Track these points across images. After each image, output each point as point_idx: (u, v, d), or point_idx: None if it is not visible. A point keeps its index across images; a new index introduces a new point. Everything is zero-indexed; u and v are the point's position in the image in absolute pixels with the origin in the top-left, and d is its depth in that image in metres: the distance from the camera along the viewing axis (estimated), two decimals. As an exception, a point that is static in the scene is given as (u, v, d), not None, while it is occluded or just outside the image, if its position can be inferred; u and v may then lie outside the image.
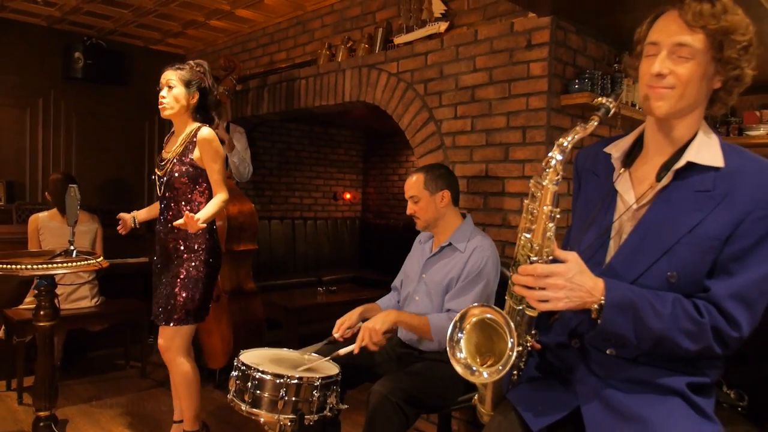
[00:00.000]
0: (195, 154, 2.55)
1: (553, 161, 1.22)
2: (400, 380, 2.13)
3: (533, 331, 1.37)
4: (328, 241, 6.44)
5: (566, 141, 1.22)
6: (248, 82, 4.27)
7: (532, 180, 1.25)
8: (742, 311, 1.21)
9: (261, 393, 1.97)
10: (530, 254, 1.24)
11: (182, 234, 2.58)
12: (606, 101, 1.24)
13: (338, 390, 2.04)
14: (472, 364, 1.29)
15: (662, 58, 1.24)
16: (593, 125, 1.24)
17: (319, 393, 1.98)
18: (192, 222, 2.30)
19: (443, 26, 3.07)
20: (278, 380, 1.95)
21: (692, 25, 1.22)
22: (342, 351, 2.13)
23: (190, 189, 2.59)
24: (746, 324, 1.21)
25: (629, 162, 1.40)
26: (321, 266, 6.22)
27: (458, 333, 1.32)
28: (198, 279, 2.58)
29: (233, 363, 2.10)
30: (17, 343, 3.43)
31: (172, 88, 2.57)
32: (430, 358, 2.34)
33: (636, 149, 1.41)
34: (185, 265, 2.57)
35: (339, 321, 2.32)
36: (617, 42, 2.94)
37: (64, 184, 3.72)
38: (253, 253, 3.72)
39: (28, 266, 2.39)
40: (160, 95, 2.59)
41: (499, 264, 2.34)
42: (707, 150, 1.28)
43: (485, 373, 1.24)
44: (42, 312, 2.55)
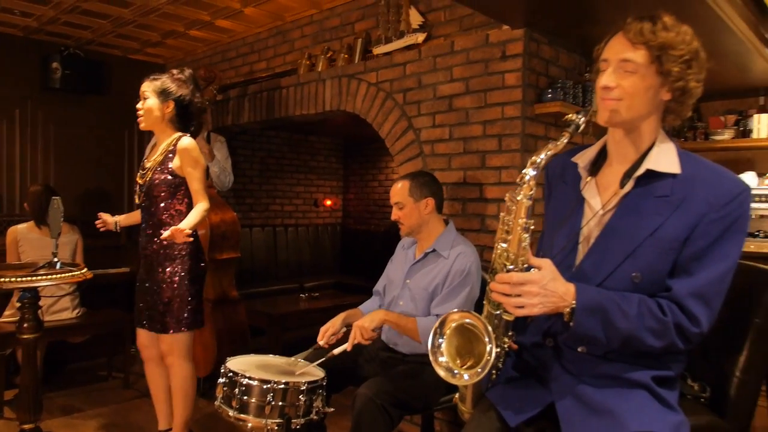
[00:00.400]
0: (175, 163, 2.58)
1: (527, 177, 1.30)
2: (385, 383, 2.19)
3: (510, 333, 1.45)
4: (310, 248, 6.48)
5: (539, 158, 1.31)
6: (228, 92, 4.30)
7: (507, 195, 1.33)
8: (702, 308, 1.30)
9: (248, 399, 2.01)
10: (506, 263, 1.32)
11: (164, 242, 2.61)
12: (576, 118, 1.33)
13: (324, 394, 2.10)
14: (454, 368, 1.36)
15: (609, 73, 1.36)
16: (564, 142, 1.33)
17: (305, 397, 2.03)
18: (178, 233, 2.34)
19: (421, 37, 3.16)
20: (265, 386, 1.99)
21: (634, 42, 1.33)
22: (336, 350, 2.20)
23: (170, 197, 2.62)
24: (705, 320, 1.31)
25: (595, 170, 1.50)
26: (303, 273, 6.26)
27: (439, 338, 1.39)
28: (183, 285, 2.61)
29: (219, 370, 2.14)
30: (-2, 357, 3.42)
31: (146, 99, 2.61)
32: (413, 361, 2.41)
33: (601, 158, 1.51)
34: (169, 272, 2.59)
35: (323, 328, 2.38)
36: (588, 52, 3.04)
37: (44, 196, 3.72)
38: (236, 262, 3.75)
39: (12, 279, 2.40)
40: (137, 106, 2.63)
41: (480, 269, 2.42)
42: (665, 158, 1.38)
43: (466, 376, 1.31)
44: (26, 324, 2.55)
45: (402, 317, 2.33)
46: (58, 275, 2.50)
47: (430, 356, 1.37)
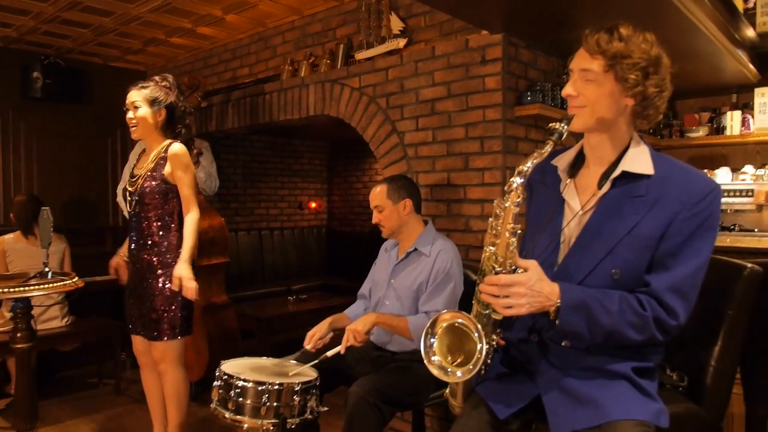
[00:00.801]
0: (166, 170, 2.61)
1: (515, 184, 1.37)
2: (376, 381, 2.25)
3: (498, 330, 1.52)
4: (296, 250, 6.52)
5: (525, 167, 1.38)
6: (212, 98, 4.33)
7: (496, 201, 1.40)
8: (679, 302, 1.39)
9: (244, 400, 2.05)
10: (495, 265, 1.38)
11: (155, 250, 2.64)
12: (559, 126, 1.40)
13: (317, 394, 2.16)
14: (446, 366, 1.42)
15: (571, 82, 1.47)
16: (548, 150, 1.40)
17: (300, 397, 2.08)
18: (180, 278, 2.51)
19: (402, 42, 3.22)
20: (260, 387, 2.04)
21: (592, 53, 1.42)
22: (329, 353, 2.25)
23: (161, 204, 2.64)
24: (683, 313, 1.39)
25: (573, 173, 1.58)
26: (289, 275, 6.29)
27: (431, 338, 1.45)
28: (176, 293, 2.62)
29: (213, 374, 2.18)
30: (-12, 367, 3.42)
31: (138, 109, 2.62)
32: (402, 359, 2.48)
33: (579, 161, 1.58)
34: (161, 280, 2.62)
35: (309, 333, 2.43)
36: (565, 55, 3.14)
37: (29, 206, 3.73)
38: (225, 266, 3.78)
39: (4, 290, 2.41)
40: (127, 117, 2.63)
41: (462, 265, 2.50)
42: (639, 159, 1.46)
43: (459, 373, 1.37)
44: (19, 334, 2.57)
45: (393, 317, 2.40)
46: (51, 284, 2.51)
47: (423, 356, 1.44)
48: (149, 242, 2.65)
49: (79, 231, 4.50)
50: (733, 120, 3.92)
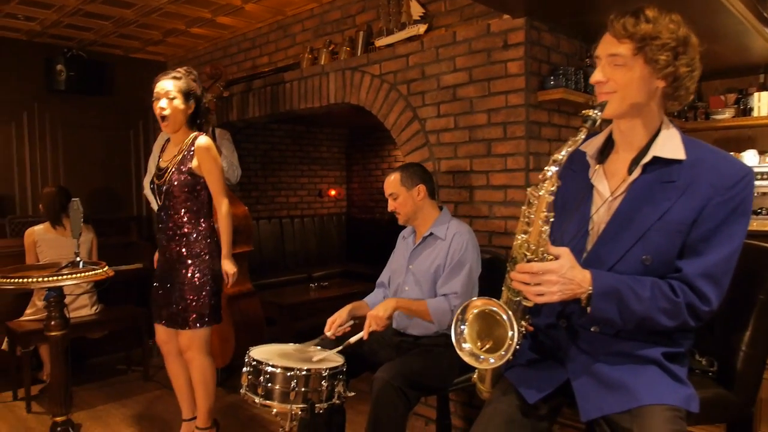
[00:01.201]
0: (193, 163, 2.64)
1: (549, 173, 1.36)
2: (401, 366, 2.28)
3: (526, 316, 1.52)
4: (316, 238, 6.57)
5: (560, 155, 1.37)
6: (232, 87, 4.35)
7: (529, 189, 1.39)
8: (712, 287, 1.38)
9: (273, 386, 2.09)
10: (527, 253, 1.38)
11: (185, 241, 2.68)
12: (593, 113, 1.39)
13: (345, 379, 2.19)
14: (478, 353, 1.43)
15: (599, 68, 1.45)
16: (582, 137, 1.39)
17: (327, 383, 2.11)
18: (227, 273, 2.63)
19: (422, 28, 3.21)
20: (288, 373, 2.08)
21: (618, 37, 1.40)
22: (352, 339, 2.29)
23: (189, 197, 2.67)
24: (715, 299, 1.39)
25: (602, 158, 1.57)
26: (310, 263, 6.35)
27: (461, 325, 1.46)
28: (205, 282, 2.68)
29: (239, 360, 2.23)
30: (22, 354, 3.51)
31: (173, 100, 2.60)
32: (426, 344, 2.50)
33: (608, 146, 1.57)
34: (191, 270, 2.66)
35: (330, 320, 2.47)
36: (588, 38, 3.11)
37: (58, 197, 3.80)
38: (249, 255, 3.83)
39: (39, 279, 2.48)
40: (159, 106, 2.60)
41: (478, 247, 2.53)
42: (670, 144, 1.45)
43: (492, 359, 1.39)
44: (53, 322, 2.64)
45: (413, 302, 2.42)
46: (83, 274, 2.57)
47: (454, 343, 1.45)
48: (178, 233, 2.69)
49: (104, 221, 4.58)
50: (761, 101, 3.84)
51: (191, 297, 2.65)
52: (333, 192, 6.87)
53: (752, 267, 1.69)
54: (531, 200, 1.38)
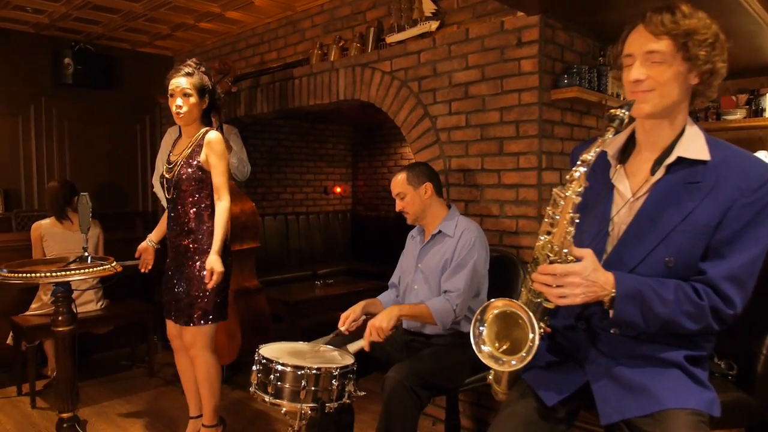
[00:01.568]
0: (202, 157, 2.62)
1: (578, 174, 1.33)
2: (412, 366, 2.26)
3: (545, 318, 1.50)
4: (321, 235, 6.55)
5: (589, 155, 1.33)
6: (240, 83, 4.32)
7: (555, 190, 1.36)
8: (736, 290, 1.35)
9: (282, 384, 2.07)
10: (549, 254, 1.35)
11: (192, 236, 2.66)
12: (621, 113, 1.35)
13: (355, 378, 2.17)
14: (498, 355, 1.41)
15: (637, 66, 1.40)
16: (609, 137, 1.35)
17: (338, 382, 2.09)
18: (212, 270, 2.50)
19: (434, 25, 3.18)
20: (299, 372, 2.06)
21: (656, 34, 1.37)
22: (351, 347, 2.26)
23: (197, 191, 2.66)
24: (740, 302, 1.36)
25: (624, 158, 1.54)
26: (315, 260, 6.33)
27: (480, 327, 1.43)
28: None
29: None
30: (27, 349, 3.50)
31: (189, 97, 2.59)
32: (437, 343, 2.48)
33: (629, 146, 1.55)
34: (197, 266, 2.65)
35: (344, 315, 2.45)
36: (602, 36, 3.08)
37: (62, 192, 3.79)
38: (256, 251, 3.81)
39: (47, 274, 2.46)
40: (176, 104, 2.59)
41: (487, 245, 2.50)
42: (694, 145, 1.42)
43: (513, 362, 1.36)
44: (60, 317, 2.62)
45: (414, 307, 2.40)
46: (91, 269, 2.55)
47: (474, 346, 1.42)
48: (186, 228, 2.68)
49: (110, 216, 4.55)
50: (773, 102, 3.81)
51: (197, 293, 2.64)
52: (338, 189, 6.85)
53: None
54: (557, 200, 1.36)
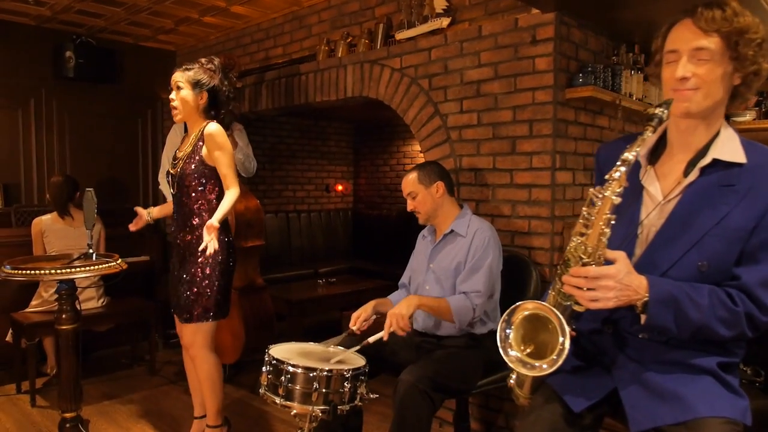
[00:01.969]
0: (203, 151, 2.59)
1: (618, 174, 1.28)
2: (426, 368, 2.22)
3: (571, 321, 1.46)
4: (322, 233, 6.50)
5: (630, 155, 1.28)
6: (245, 79, 4.27)
7: (592, 190, 1.32)
8: None
9: (293, 386, 2.03)
10: (582, 256, 1.31)
11: (196, 232, 2.62)
12: (659, 111, 1.31)
13: (367, 380, 2.13)
14: (527, 359, 1.37)
15: (683, 63, 1.35)
16: (649, 136, 1.31)
17: (350, 384, 2.05)
18: (209, 228, 2.41)
19: (445, 22, 3.13)
20: (311, 373, 2.01)
21: (707, 30, 1.32)
22: (371, 339, 2.22)
23: (201, 186, 2.62)
24: None
25: (654, 159, 1.50)
26: (316, 258, 6.28)
27: (507, 329, 1.39)
28: (213, 276, 2.62)
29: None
30: (28, 347, 3.44)
31: (180, 90, 2.60)
32: (448, 345, 2.44)
33: (660, 146, 1.50)
34: (201, 263, 2.61)
35: (355, 314, 2.42)
36: (615, 35, 3.04)
37: (65, 187, 3.73)
38: (260, 249, 3.76)
39: (52, 271, 2.40)
40: (170, 97, 2.62)
41: (500, 244, 2.47)
42: (730, 147, 1.38)
43: (544, 365, 1.32)
44: (64, 315, 2.57)
45: (434, 299, 2.37)
46: (96, 266, 2.50)
47: (501, 350, 1.38)
48: (190, 224, 2.64)
49: (110, 212, 4.49)
50: (783, 104, 3.78)
51: (198, 290, 2.60)
52: (340, 187, 6.79)
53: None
54: (594, 200, 1.31)
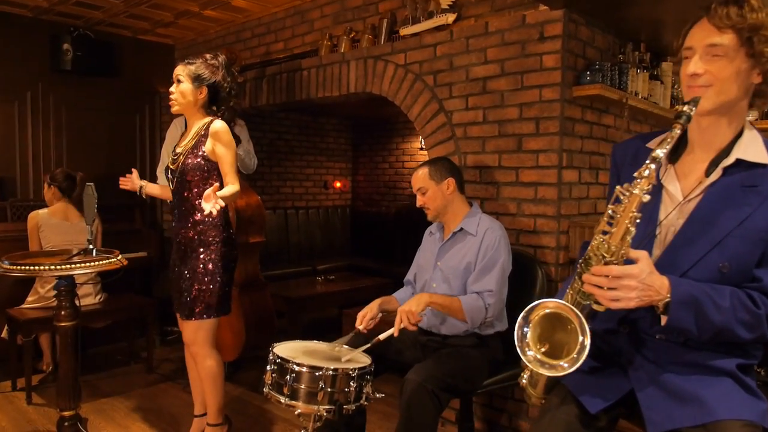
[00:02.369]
0: (207, 147, 2.55)
1: (647, 171, 1.26)
2: (433, 368, 2.19)
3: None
4: (320, 230, 6.46)
5: (661, 152, 1.26)
6: (245, 73, 4.22)
7: (618, 187, 1.29)
8: None
9: (299, 385, 2.00)
10: (605, 254, 1.29)
11: (198, 228, 2.59)
12: (688, 109, 1.28)
13: (372, 379, 2.10)
14: (545, 360, 1.34)
15: (696, 60, 1.34)
16: (678, 133, 1.28)
17: (356, 383, 2.02)
18: (208, 196, 2.29)
19: (451, 17, 3.10)
20: (317, 372, 1.98)
21: (720, 27, 1.30)
22: (382, 336, 2.19)
23: (202, 182, 2.59)
24: None
25: (674, 158, 1.47)
26: (314, 255, 6.24)
27: (524, 328, 1.36)
28: (215, 272, 2.59)
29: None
30: (24, 343, 3.39)
31: (180, 83, 2.57)
32: (454, 344, 2.42)
33: (681, 145, 1.48)
34: (202, 259, 2.58)
35: (360, 313, 2.39)
36: (622, 33, 3.02)
37: (66, 181, 3.69)
38: (261, 246, 3.72)
39: (51, 266, 2.36)
40: (170, 90, 2.60)
41: (509, 244, 2.45)
42: (753, 147, 1.36)
43: (565, 364, 1.29)
44: (63, 312, 2.52)
45: (446, 298, 2.34)
46: (96, 262, 2.46)
47: (518, 350, 1.35)
48: (191, 220, 2.61)
49: (107, 207, 4.44)
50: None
51: (200, 287, 2.57)
52: (338, 184, 6.75)
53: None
54: (620, 198, 1.29)
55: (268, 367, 2.10)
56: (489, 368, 2.41)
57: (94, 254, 2.57)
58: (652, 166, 1.26)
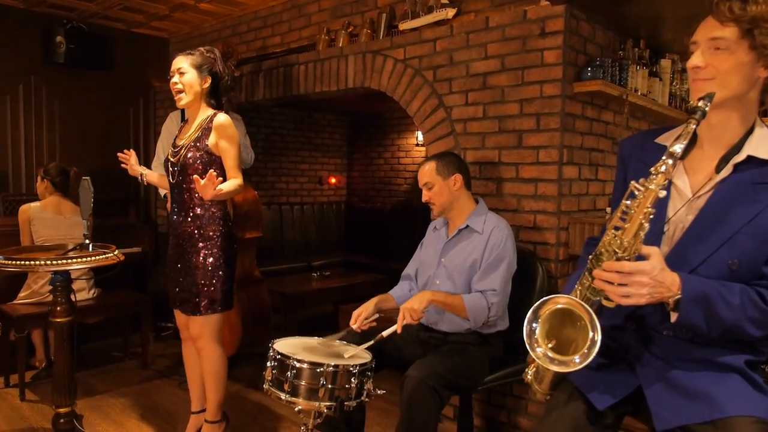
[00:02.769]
0: (210, 140, 2.52)
1: (664, 167, 1.24)
2: (434, 364, 2.18)
3: (597, 316, 1.43)
4: (315, 226, 6.43)
5: (676, 148, 1.25)
6: (242, 67, 4.18)
7: (633, 183, 1.28)
8: None
9: (299, 381, 1.98)
10: (617, 250, 1.27)
11: (197, 223, 2.56)
12: (702, 104, 1.27)
13: (373, 376, 2.09)
14: (554, 356, 1.33)
15: (698, 53, 1.34)
16: (693, 128, 1.27)
17: (357, 380, 2.01)
18: (210, 184, 2.28)
19: (451, 12, 3.08)
20: (317, 369, 1.97)
21: (723, 21, 1.30)
22: (385, 333, 2.18)
23: (203, 175, 2.55)
24: None
25: (683, 153, 1.46)
26: (309, 251, 6.22)
27: (533, 324, 1.35)
28: (217, 267, 2.57)
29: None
30: (17, 339, 3.35)
31: (184, 74, 2.53)
32: (455, 341, 2.41)
33: (689, 141, 1.47)
34: (203, 254, 2.55)
35: (355, 313, 2.37)
36: (622, 29, 3.02)
37: (60, 175, 3.65)
38: (258, 241, 3.70)
39: (47, 261, 2.33)
40: (172, 82, 2.55)
41: (515, 242, 2.43)
42: (765, 144, 1.35)
43: (577, 359, 1.28)
44: (59, 308, 2.49)
45: (449, 296, 2.32)
46: (93, 257, 2.42)
47: (528, 345, 1.34)
48: (191, 214, 2.58)
49: (101, 202, 4.39)
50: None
51: (203, 282, 2.54)
52: (333, 180, 6.73)
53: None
54: (635, 193, 1.27)
55: (268, 364, 2.08)
56: (491, 365, 2.40)
57: (91, 249, 2.53)
58: (669, 161, 1.24)
